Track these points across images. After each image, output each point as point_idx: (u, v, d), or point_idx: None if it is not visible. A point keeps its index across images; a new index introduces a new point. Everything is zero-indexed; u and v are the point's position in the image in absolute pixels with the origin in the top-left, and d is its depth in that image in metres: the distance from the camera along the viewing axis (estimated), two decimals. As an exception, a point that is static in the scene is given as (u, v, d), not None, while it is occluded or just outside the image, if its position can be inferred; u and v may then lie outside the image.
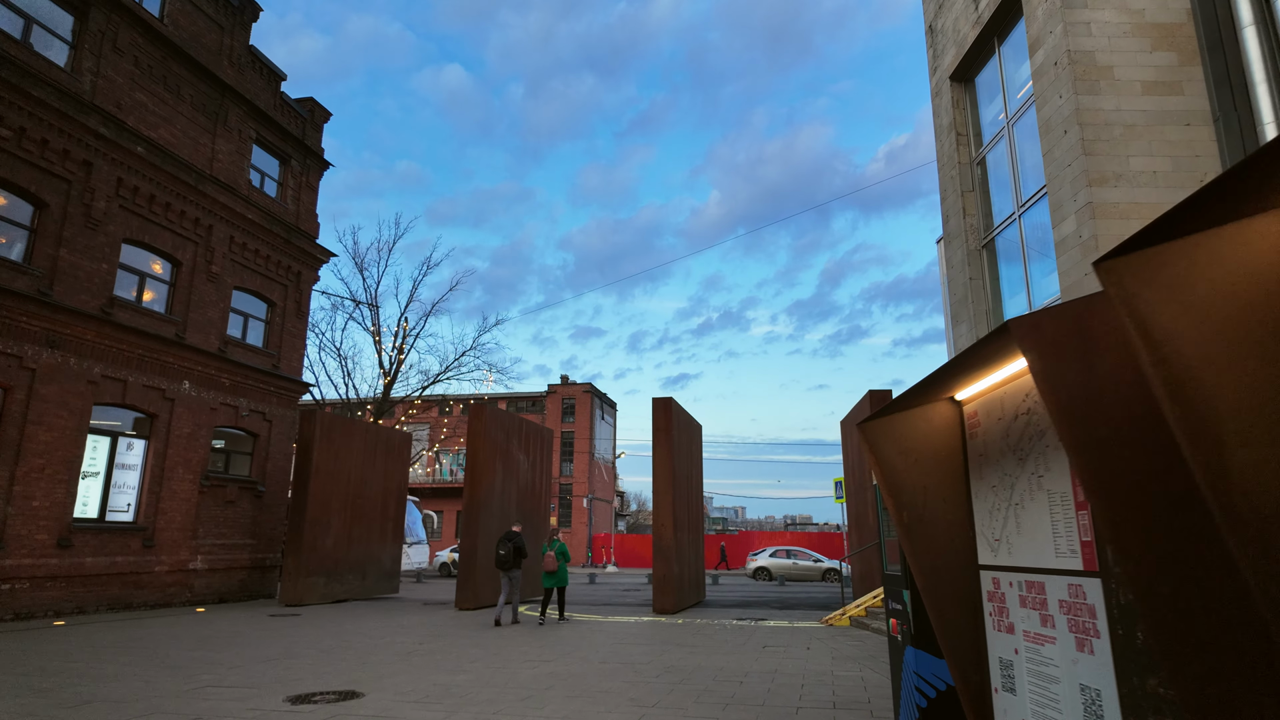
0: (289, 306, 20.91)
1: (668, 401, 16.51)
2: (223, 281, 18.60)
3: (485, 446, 16.96)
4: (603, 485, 52.19)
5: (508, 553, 13.20)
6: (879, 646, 10.44)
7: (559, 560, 13.69)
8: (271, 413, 19.88)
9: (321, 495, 18.05)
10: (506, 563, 13.21)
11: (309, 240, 21.27)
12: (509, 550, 13.20)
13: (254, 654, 9.65)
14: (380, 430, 20.74)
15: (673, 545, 15.67)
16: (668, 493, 15.84)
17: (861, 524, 16.81)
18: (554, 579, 13.73)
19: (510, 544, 13.25)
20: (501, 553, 13.24)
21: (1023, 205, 10.69)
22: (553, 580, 13.74)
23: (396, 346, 29.50)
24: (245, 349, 19.22)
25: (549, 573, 13.68)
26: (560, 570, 13.69)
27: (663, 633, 12.15)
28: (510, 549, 13.20)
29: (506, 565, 13.23)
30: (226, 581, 18.11)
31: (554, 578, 13.72)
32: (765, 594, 22.18)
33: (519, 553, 13.28)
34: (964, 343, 12.03)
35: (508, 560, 13.20)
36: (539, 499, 20.17)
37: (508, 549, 13.20)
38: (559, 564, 13.67)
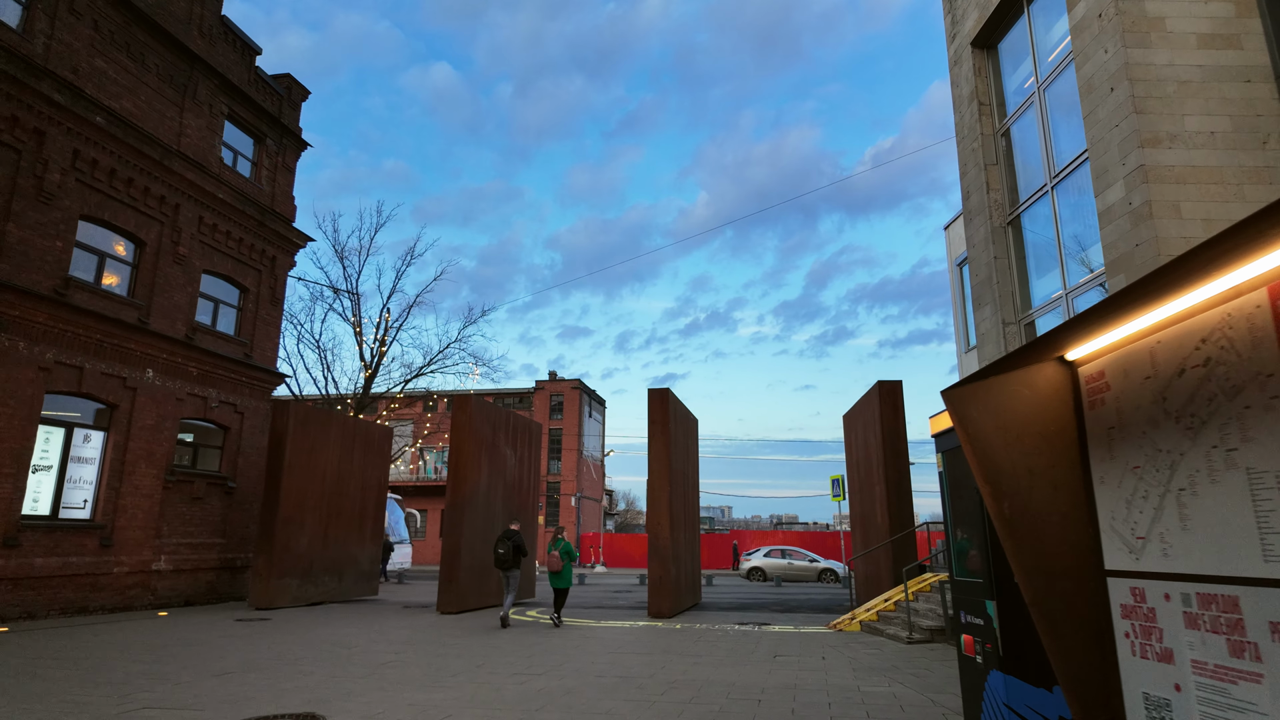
0: (263, 293, 19.80)
1: (665, 393, 15.59)
2: (191, 264, 17.48)
3: (470, 441, 15.97)
4: (591, 483, 51.18)
5: (507, 551, 12.83)
6: (900, 656, 9.56)
7: (564, 560, 13.21)
8: (243, 405, 18.77)
9: (295, 492, 16.98)
10: (506, 562, 12.83)
11: (285, 223, 20.17)
12: (509, 549, 12.83)
13: (209, 666, 8.63)
14: (359, 424, 19.68)
15: (670, 545, 14.75)
16: (664, 489, 14.92)
17: (868, 523, 15.95)
18: (560, 579, 13.27)
19: (510, 542, 12.88)
20: (500, 551, 12.86)
21: (1056, 175, 9.85)
22: (560, 581, 13.29)
23: (378, 339, 28.39)
24: (215, 336, 18.11)
25: (554, 572, 13.20)
26: (566, 570, 13.23)
27: (662, 640, 11.22)
28: (510, 547, 12.83)
29: (506, 564, 12.85)
30: (193, 583, 17.00)
31: (560, 578, 13.26)
32: (763, 596, 21.31)
33: (519, 551, 12.89)
34: (987, 326, 11.18)
35: (507, 559, 12.83)
36: (527, 496, 19.18)
37: (507, 548, 12.83)
38: (564, 564, 13.18)
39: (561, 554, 13.20)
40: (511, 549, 12.88)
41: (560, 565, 13.14)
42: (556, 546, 13.34)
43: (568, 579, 13.34)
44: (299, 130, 21.35)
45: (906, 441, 14.40)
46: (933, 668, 8.67)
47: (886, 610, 12.53)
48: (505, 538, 13.02)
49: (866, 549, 16.11)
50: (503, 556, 12.86)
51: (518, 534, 13.20)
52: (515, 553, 12.91)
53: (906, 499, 14.15)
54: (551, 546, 13.41)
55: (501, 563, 12.90)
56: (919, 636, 10.54)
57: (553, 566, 13.16)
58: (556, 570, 13.18)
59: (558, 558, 13.18)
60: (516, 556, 12.94)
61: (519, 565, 13.05)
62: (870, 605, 13.13)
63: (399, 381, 28.40)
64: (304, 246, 21.17)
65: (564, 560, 13.18)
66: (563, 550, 13.24)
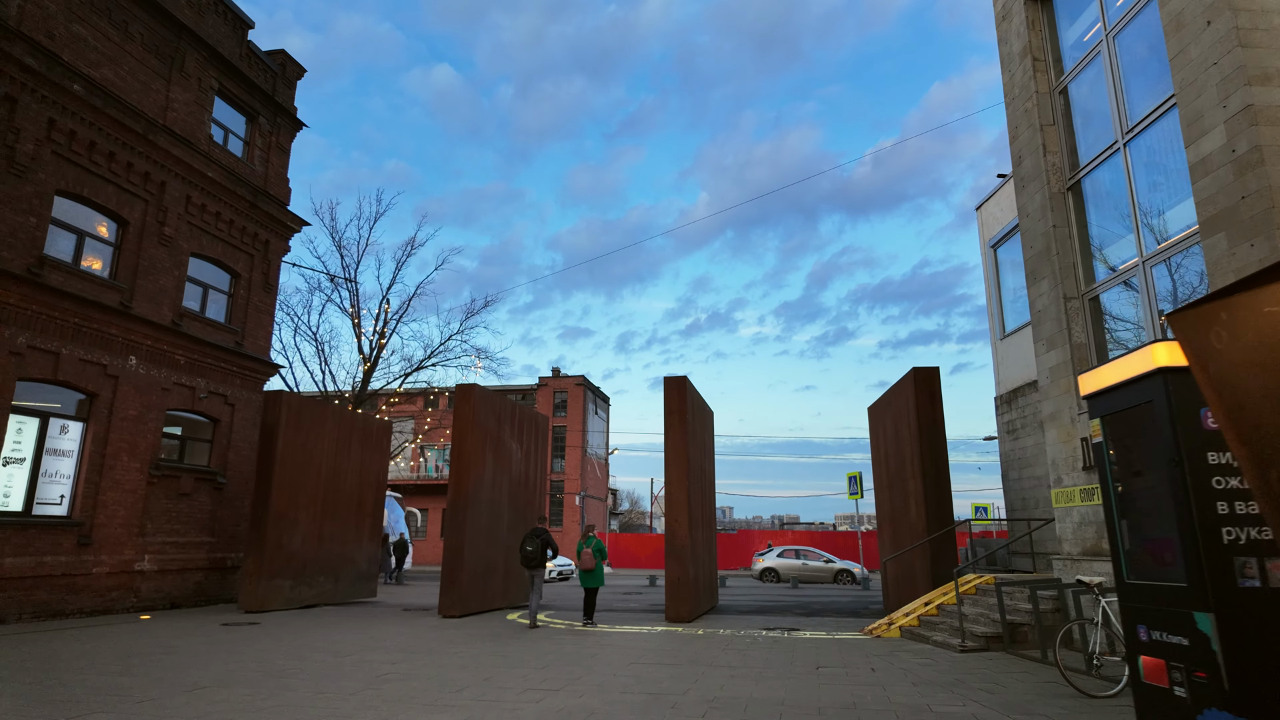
0: (255, 278, 18.80)
1: (682, 382, 14.57)
2: (177, 246, 16.49)
3: (474, 433, 14.96)
4: (595, 482, 50.15)
5: (535, 549, 12.36)
6: (958, 666, 8.54)
7: (596, 559, 12.79)
8: (234, 396, 17.77)
9: (288, 487, 15.98)
10: (534, 560, 12.40)
11: (279, 206, 19.17)
12: (536, 547, 12.34)
13: (181, 679, 7.63)
14: (356, 417, 18.67)
15: (688, 545, 13.73)
16: (682, 485, 13.90)
17: (899, 522, 14.93)
18: (592, 579, 12.87)
19: (538, 540, 12.41)
20: (529, 549, 12.38)
21: (1130, 130, 8.84)
22: (592, 580, 12.89)
23: (377, 330, 27.39)
24: (204, 323, 17.11)
25: (587, 571, 12.79)
26: (598, 570, 12.82)
27: (686, 648, 10.20)
28: (538, 545, 12.35)
29: (533, 563, 12.43)
30: (180, 584, 16.00)
31: (592, 577, 12.86)
32: (781, 598, 20.28)
33: (547, 549, 12.42)
34: (1046, 301, 10.17)
35: (535, 558, 12.38)
36: (534, 493, 18.17)
37: (535, 545, 12.35)
38: (596, 563, 12.77)
39: (594, 552, 12.75)
40: (540, 546, 12.35)
41: (593, 563, 12.68)
42: (589, 544, 12.86)
43: (600, 578, 12.91)
44: (294, 109, 20.36)
45: (945, 432, 13.39)
46: (1003, 681, 7.66)
47: (928, 615, 11.51)
48: (534, 535, 12.49)
49: (898, 549, 15.08)
50: (531, 555, 12.34)
51: (546, 531, 12.68)
52: (543, 550, 12.41)
53: (945, 495, 13.13)
54: (583, 544, 12.93)
55: (529, 561, 12.40)
56: (973, 644, 9.52)
57: (585, 565, 12.69)
58: (589, 569, 12.73)
59: (591, 555, 12.72)
60: (544, 554, 12.44)
61: (545, 565, 12.53)
62: (909, 609, 12.11)
63: (399, 375, 27.40)
64: (299, 231, 20.18)
65: (596, 559, 12.75)
66: (595, 548, 12.78)
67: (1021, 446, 14.97)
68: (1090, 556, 9.10)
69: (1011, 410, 15.42)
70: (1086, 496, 9.13)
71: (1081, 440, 9.26)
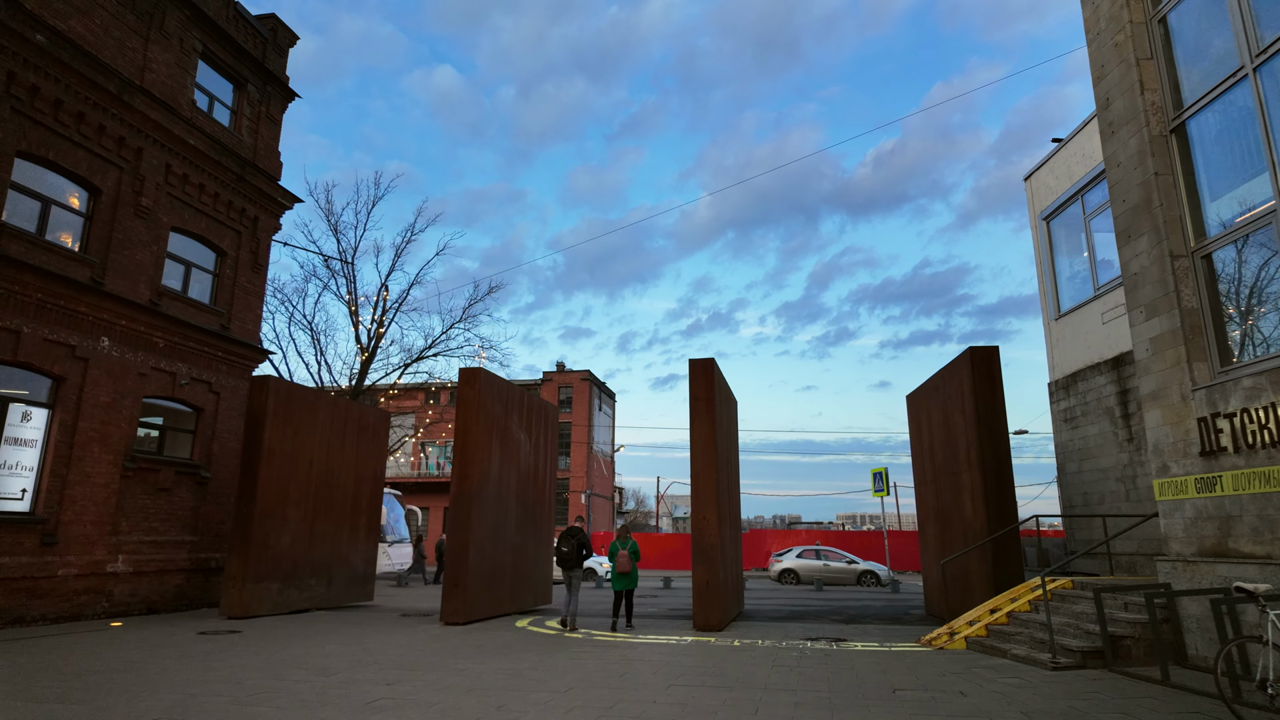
0: (243, 257, 17.44)
1: (708, 364, 13.20)
2: (156, 219, 15.13)
3: (480, 421, 13.59)
4: (601, 480, 48.74)
5: (571, 550, 11.95)
6: (1066, 689, 7.16)
7: (632, 561, 12.18)
8: (219, 383, 16.42)
9: (276, 482, 14.63)
10: (570, 561, 11.99)
11: (268, 180, 17.81)
12: (572, 547, 11.93)
13: (132, 705, 6.27)
14: (351, 406, 17.31)
15: (718, 545, 12.37)
16: (710, 477, 12.53)
17: (948, 519, 13.54)
18: (627, 581, 12.23)
19: (574, 540, 12.01)
20: (564, 550, 11.97)
21: (1263, 52, 7.47)
22: (626, 583, 12.24)
23: (376, 320, 26.03)
24: (186, 304, 15.76)
25: (623, 574, 12.15)
26: (634, 572, 12.23)
27: (729, 664, 8.83)
28: (574, 545, 11.93)
29: (570, 564, 12.01)
30: (158, 588, 14.65)
31: (627, 579, 12.22)
32: (810, 602, 18.89)
33: (583, 549, 11.97)
34: (1145, 262, 8.78)
35: (571, 558, 11.97)
36: (543, 488, 16.80)
37: (571, 545, 11.93)
38: (632, 565, 12.14)
39: (630, 553, 12.15)
40: (575, 547, 11.89)
41: (629, 566, 12.10)
42: (625, 545, 12.21)
43: (635, 580, 12.29)
44: (285, 78, 19.00)
45: (1006, 419, 12.01)
46: (1135, 713, 6.28)
47: (998, 624, 10.12)
48: (569, 534, 12.09)
49: (946, 549, 13.70)
50: (567, 555, 11.89)
51: (582, 531, 12.24)
52: (580, 551, 11.93)
53: (1008, 489, 11.75)
54: (619, 544, 12.27)
55: (565, 562, 11.96)
56: (1067, 661, 8.14)
57: (622, 567, 12.08)
58: (626, 571, 12.12)
59: (627, 558, 12.10)
60: (580, 555, 11.96)
61: (582, 565, 12.11)
62: (972, 617, 10.72)
63: (398, 367, 26.04)
64: (290, 208, 18.82)
65: (632, 561, 12.17)
66: (631, 550, 12.19)
67: (1082, 436, 13.59)
68: (1210, 558, 7.73)
69: (1069, 397, 14.03)
70: (1205, 487, 7.77)
71: (1198, 421, 7.89)
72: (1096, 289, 13.39)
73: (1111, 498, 12.73)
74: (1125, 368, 12.37)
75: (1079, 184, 13.90)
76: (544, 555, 16.63)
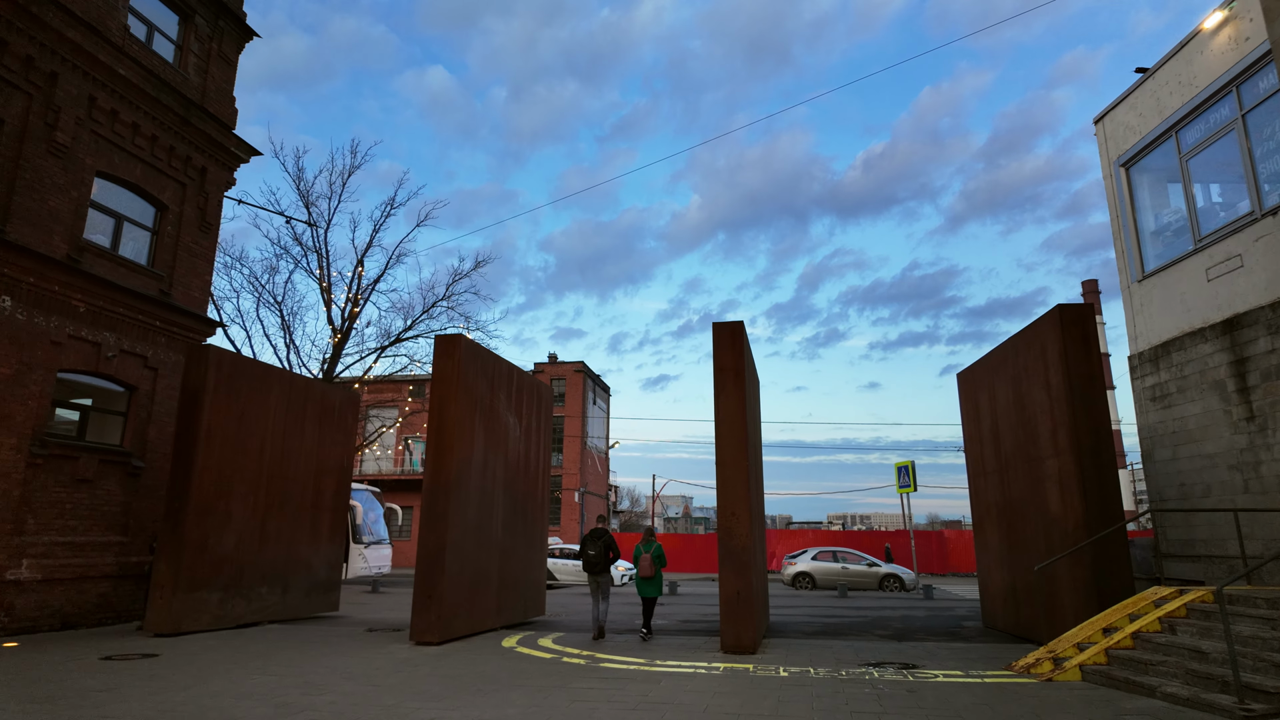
0: (188, 214, 15.07)
1: (736, 329, 10.96)
2: (77, 160, 12.76)
3: (459, 398, 11.30)
4: (595, 478, 46.37)
5: (598, 553, 11.21)
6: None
7: (655, 565, 11.35)
8: (157, 358, 14.04)
9: (217, 470, 12.31)
10: (597, 565, 11.27)
11: (219, 127, 15.44)
12: (599, 550, 11.21)
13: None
14: (313, 385, 14.96)
15: (750, 547, 10.12)
16: (740, 464, 10.28)
17: (1019, 514, 11.34)
18: (652, 587, 11.39)
19: (600, 542, 11.29)
20: (591, 553, 11.26)
21: None
22: (651, 589, 11.39)
23: (350, 298, 23.63)
24: (115, 263, 13.39)
25: (646, 579, 11.35)
26: (658, 577, 11.43)
27: (785, 708, 6.60)
28: (601, 548, 11.22)
29: (597, 568, 11.30)
30: (75, 598, 12.27)
31: (652, 585, 11.39)
32: (839, 612, 16.64)
33: (610, 551, 11.22)
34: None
35: (598, 562, 11.24)
36: (535, 480, 14.50)
37: (598, 548, 11.22)
38: (656, 569, 11.34)
39: (654, 558, 11.34)
40: (602, 550, 11.15)
41: (652, 570, 11.32)
42: (649, 548, 11.40)
43: (659, 587, 11.46)
44: (242, 14, 16.65)
45: (1105, 390, 9.81)
46: None
47: (1120, 648, 7.90)
48: (594, 537, 11.36)
49: (1015, 550, 11.49)
50: (593, 559, 11.18)
51: (608, 533, 11.41)
52: (607, 554, 11.17)
53: (1110, 476, 9.55)
54: (643, 548, 11.45)
55: (592, 566, 11.26)
56: (1264, 708, 5.93)
57: (644, 571, 11.31)
58: (649, 576, 11.34)
59: (650, 561, 11.30)
60: (608, 559, 11.18)
61: (609, 570, 11.31)
62: (1079, 638, 8.50)
63: (374, 349, 23.65)
64: (246, 160, 16.46)
65: (656, 565, 11.35)
66: (655, 554, 11.37)
67: (1178, 417, 11.43)
68: None
69: (1160, 370, 11.87)
70: None
71: None
72: (1198, 241, 11.23)
73: (1222, 489, 10.57)
74: (1242, 331, 10.21)
75: (1172, 118, 11.74)
76: (537, 558, 14.34)
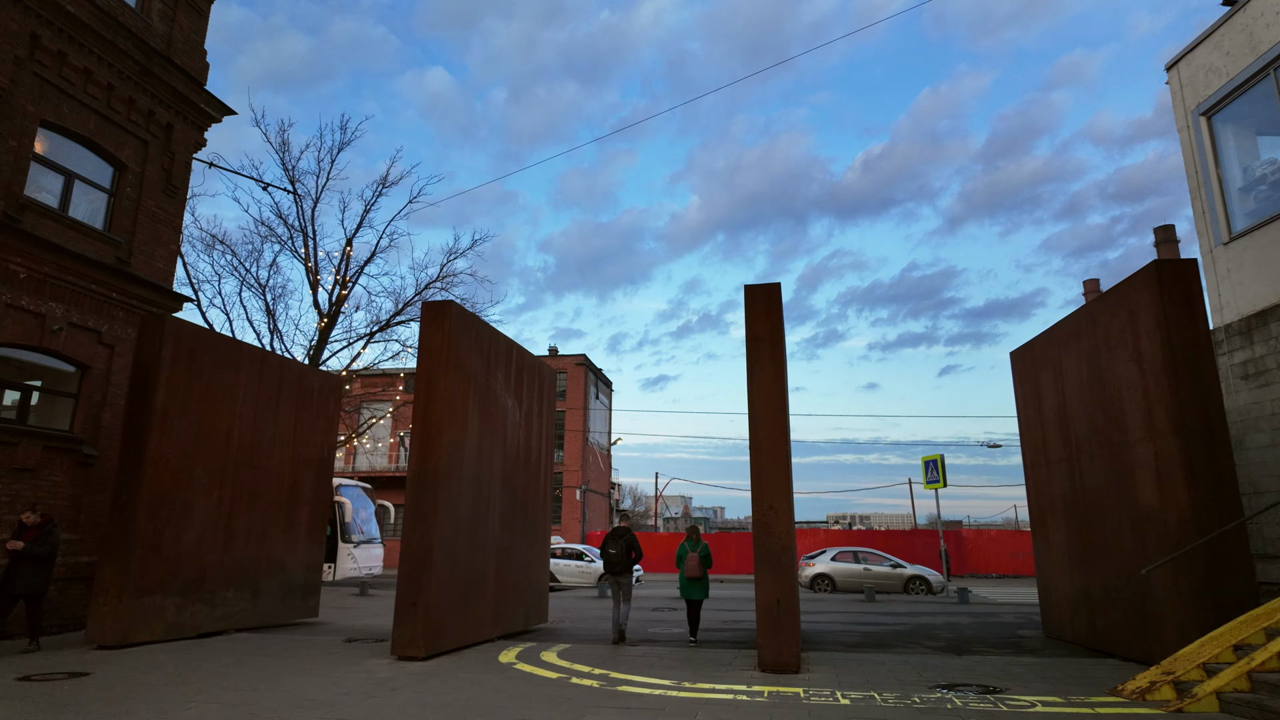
0: (151, 175, 13.54)
1: (772, 292, 9.45)
2: (19, 107, 11.25)
3: (450, 374, 9.78)
4: (597, 475, 44.82)
5: (619, 552, 10.70)
6: None
7: (703, 566, 10.59)
8: (113, 334, 12.53)
9: (175, 459, 10.80)
10: (618, 565, 10.70)
11: (188, 81, 13.92)
12: (620, 549, 10.72)
13: None
14: (289, 365, 13.44)
15: (791, 546, 8.60)
16: (780, 447, 8.77)
17: (1096, 508, 9.82)
18: (700, 589, 10.65)
19: (622, 541, 10.79)
20: (612, 552, 10.72)
21: None
22: (698, 591, 10.65)
23: (338, 281, 22.12)
24: (64, 225, 11.89)
25: (693, 580, 10.59)
26: (705, 579, 10.69)
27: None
28: (622, 547, 10.73)
29: (618, 568, 10.72)
30: (13, 604, 10.72)
31: (700, 587, 10.65)
32: (873, 618, 15.10)
33: (632, 551, 10.75)
34: None
35: (619, 562, 10.69)
36: (536, 472, 12.98)
37: (619, 547, 10.73)
38: (704, 571, 10.59)
39: (702, 558, 10.58)
40: (624, 549, 10.68)
41: (700, 571, 10.53)
42: (695, 547, 10.64)
43: (707, 589, 10.73)
44: (214, -42, 15.11)
45: (1214, 361, 8.30)
46: None
47: (1266, 671, 6.38)
48: (617, 535, 10.86)
49: (1089, 548, 9.98)
50: (615, 558, 10.65)
51: (630, 531, 10.96)
52: (629, 553, 10.68)
53: (1225, 463, 8.03)
54: (689, 546, 10.71)
55: (614, 566, 10.67)
56: None
57: (692, 572, 10.51)
58: (697, 577, 10.55)
59: (698, 561, 10.51)
60: (630, 559, 10.69)
61: (632, 571, 10.79)
62: (1204, 657, 6.97)
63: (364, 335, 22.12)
64: (219, 120, 14.94)
65: (703, 566, 10.60)
66: (703, 554, 10.61)
67: (1277, 396, 9.91)
68: None
69: (1254, 344, 10.36)
70: None
71: None
72: (1304, 193, 9.72)
73: (1337, 479, 9.06)
74: (1366, 294, 8.69)
75: (1268, 55, 10.23)
76: (538, 559, 12.82)
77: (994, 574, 34.25)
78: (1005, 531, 37.83)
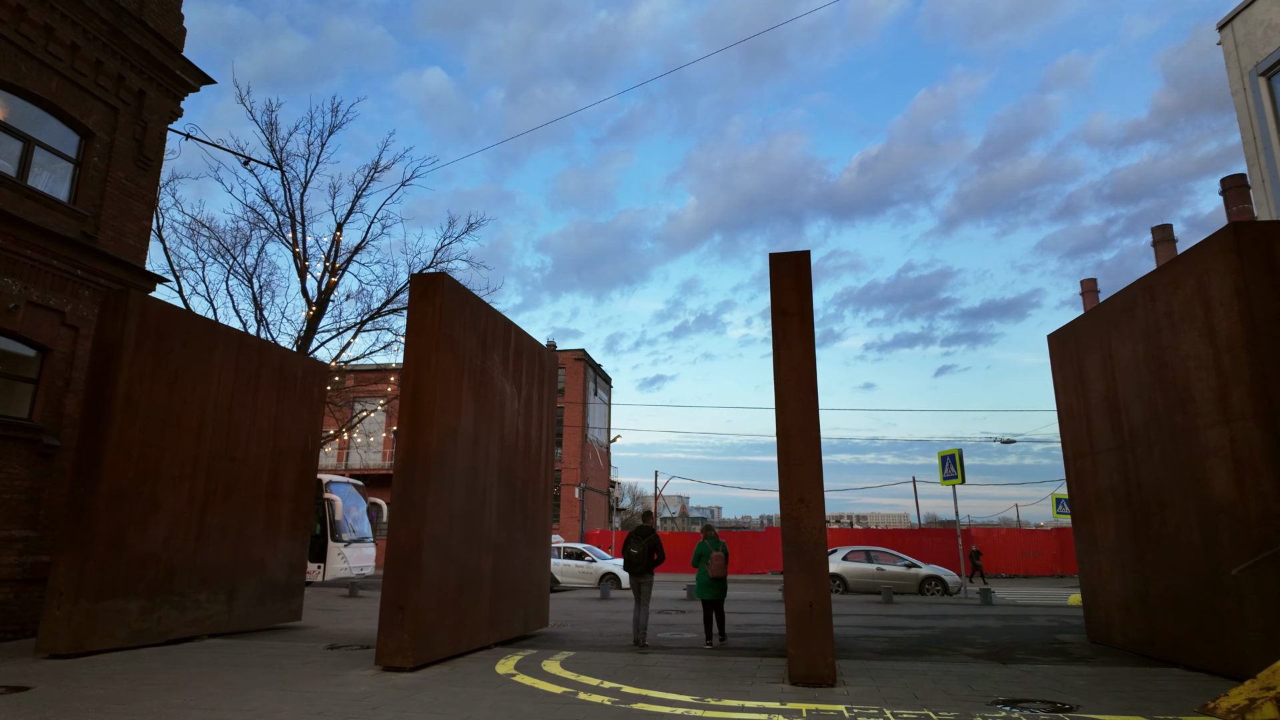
0: (121, 145, 12.58)
1: (800, 261, 8.52)
2: (-32, 63, 10.27)
3: (441, 353, 8.83)
4: (596, 472, 43.84)
5: (641, 552, 10.19)
6: None
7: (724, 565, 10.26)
8: (78, 314, 11.57)
9: (140, 448, 9.82)
10: (640, 566, 10.21)
11: (162, 46, 12.95)
12: (643, 549, 10.20)
13: None
14: (269, 349, 12.48)
15: (824, 542, 7.67)
16: (812, 434, 7.84)
17: (1150, 503, 8.91)
18: (717, 590, 10.27)
19: (645, 541, 10.25)
20: (634, 552, 10.23)
21: None
22: (715, 591, 10.27)
23: (329, 268, 21.14)
24: (22, 195, 10.92)
25: (717, 579, 10.23)
26: (726, 579, 10.34)
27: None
28: (645, 547, 10.21)
29: (639, 569, 10.22)
30: (-39, 607, 9.78)
31: (718, 588, 10.27)
32: (897, 621, 14.17)
33: (654, 551, 10.25)
34: None
35: (640, 562, 10.18)
36: (537, 463, 12.04)
37: (642, 547, 10.21)
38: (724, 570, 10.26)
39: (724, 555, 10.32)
40: (646, 549, 10.15)
41: (723, 570, 10.18)
42: (716, 546, 10.32)
43: (726, 589, 10.38)
44: (192, -82, 14.12)
45: (1304, 334, 7.38)
46: None
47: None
48: (640, 534, 10.34)
49: (1144, 545, 9.06)
50: (637, 559, 10.16)
51: (653, 531, 10.40)
52: (649, 554, 10.18)
53: (1317, 447, 7.11)
54: (711, 544, 10.40)
55: (635, 566, 10.20)
56: None
57: (717, 571, 10.15)
58: (720, 576, 10.18)
59: (721, 560, 10.17)
60: (651, 559, 10.19)
61: (653, 571, 10.30)
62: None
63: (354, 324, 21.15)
64: (197, 89, 13.97)
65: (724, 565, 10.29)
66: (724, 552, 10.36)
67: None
68: None
69: (1324, 323, 9.43)
70: None
71: None
72: (1385, 154, 8.80)
73: None
74: None
75: (1341, 5, 9.31)
76: (539, 559, 11.88)
77: (1004, 574, 33.39)
78: (1016, 530, 36.98)
